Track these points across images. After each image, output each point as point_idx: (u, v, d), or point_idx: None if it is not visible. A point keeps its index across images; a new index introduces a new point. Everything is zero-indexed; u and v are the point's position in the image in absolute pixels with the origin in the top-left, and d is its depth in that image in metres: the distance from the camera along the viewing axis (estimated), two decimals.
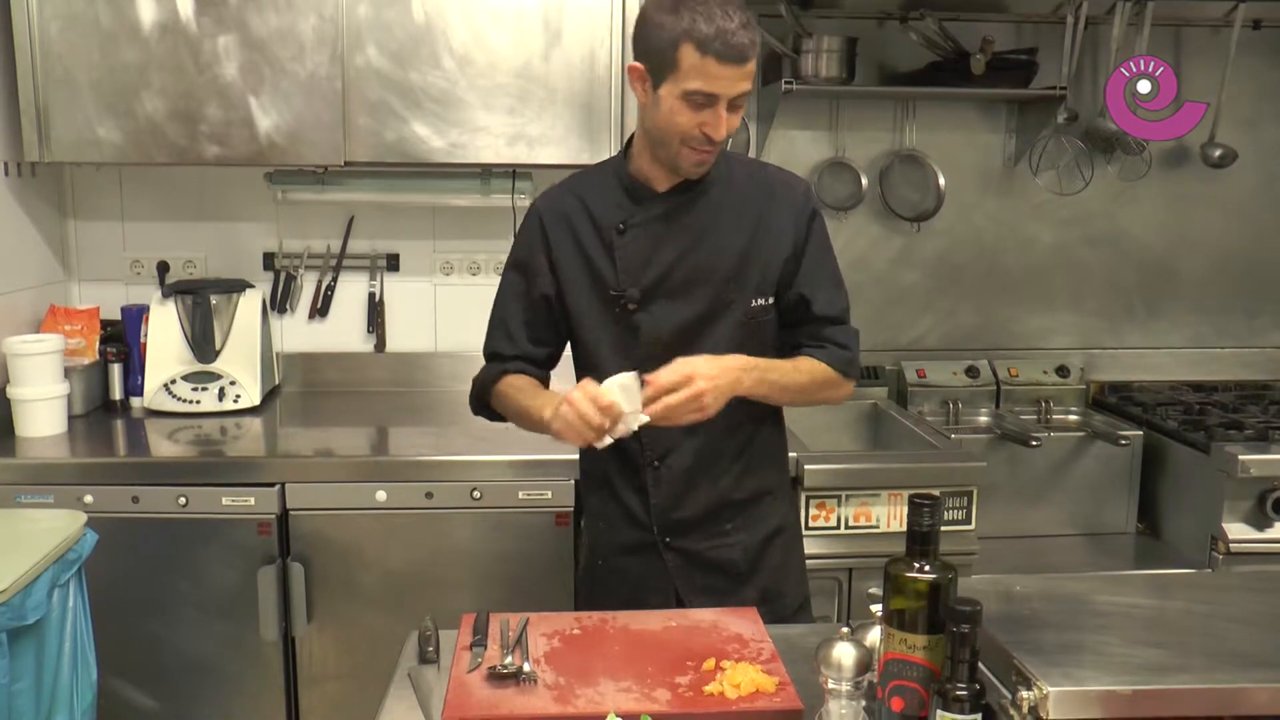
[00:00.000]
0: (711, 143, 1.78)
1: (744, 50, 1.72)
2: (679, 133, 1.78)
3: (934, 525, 1.35)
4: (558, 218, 1.95)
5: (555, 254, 1.94)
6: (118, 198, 3.19)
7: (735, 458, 1.97)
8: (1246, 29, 3.18)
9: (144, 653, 2.57)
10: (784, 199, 1.94)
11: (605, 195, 1.93)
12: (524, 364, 2.00)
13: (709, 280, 1.89)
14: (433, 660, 1.63)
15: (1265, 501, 2.69)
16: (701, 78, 1.72)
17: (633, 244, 1.89)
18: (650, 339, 1.90)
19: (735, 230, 1.90)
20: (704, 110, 1.75)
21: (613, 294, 1.90)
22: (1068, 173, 3.22)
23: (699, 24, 1.69)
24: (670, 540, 1.97)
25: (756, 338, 1.94)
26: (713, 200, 1.91)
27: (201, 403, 2.93)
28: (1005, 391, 3.30)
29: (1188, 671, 1.31)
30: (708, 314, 1.90)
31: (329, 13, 2.75)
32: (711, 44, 1.69)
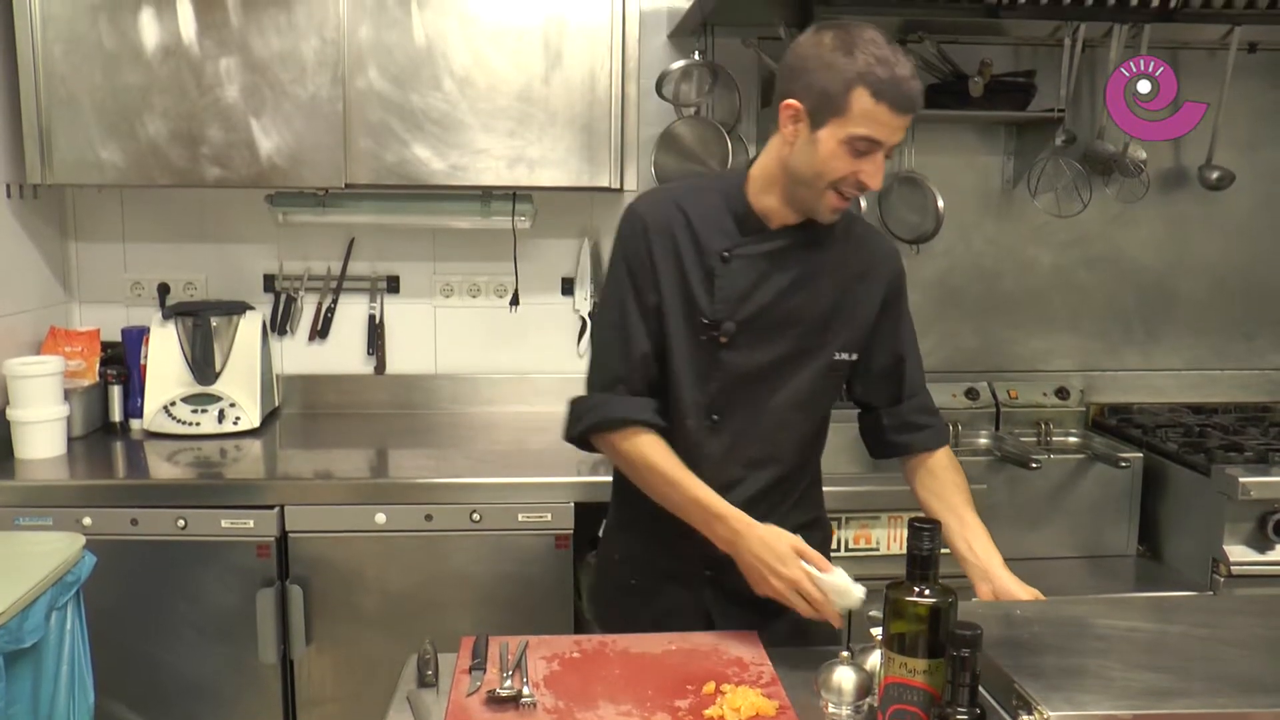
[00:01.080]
0: (861, 190, 1.75)
1: (915, 100, 1.69)
2: (833, 177, 1.72)
3: (934, 549, 1.35)
4: (661, 228, 1.84)
5: (658, 267, 1.83)
6: (119, 219, 3.20)
7: (781, 501, 1.94)
8: (1243, 52, 3.19)
9: (142, 675, 2.56)
10: (879, 259, 1.93)
11: (711, 216, 1.85)
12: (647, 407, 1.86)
13: (798, 325, 1.86)
14: (432, 683, 1.63)
15: (1266, 524, 2.68)
16: (871, 124, 1.67)
17: (735, 275, 1.83)
18: (732, 376, 1.85)
19: (831, 279, 1.87)
20: (864, 158, 1.70)
21: (704, 322, 1.83)
22: (1066, 195, 3.23)
23: (875, 69, 1.65)
24: (711, 574, 1.91)
25: (832, 390, 1.95)
26: (816, 247, 1.86)
27: (201, 425, 2.93)
28: (1005, 414, 3.29)
29: (1189, 696, 1.30)
30: (790, 358, 1.87)
31: (330, 35, 2.76)
32: (887, 91, 1.65)
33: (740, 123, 3.19)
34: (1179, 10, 2.86)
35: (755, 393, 1.86)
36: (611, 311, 1.88)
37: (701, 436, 1.87)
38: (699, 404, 1.86)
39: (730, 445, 1.87)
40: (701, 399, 1.85)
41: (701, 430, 1.87)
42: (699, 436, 1.87)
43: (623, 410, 1.85)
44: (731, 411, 1.86)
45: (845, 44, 1.67)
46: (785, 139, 1.77)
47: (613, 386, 1.86)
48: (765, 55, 3.08)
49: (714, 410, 1.86)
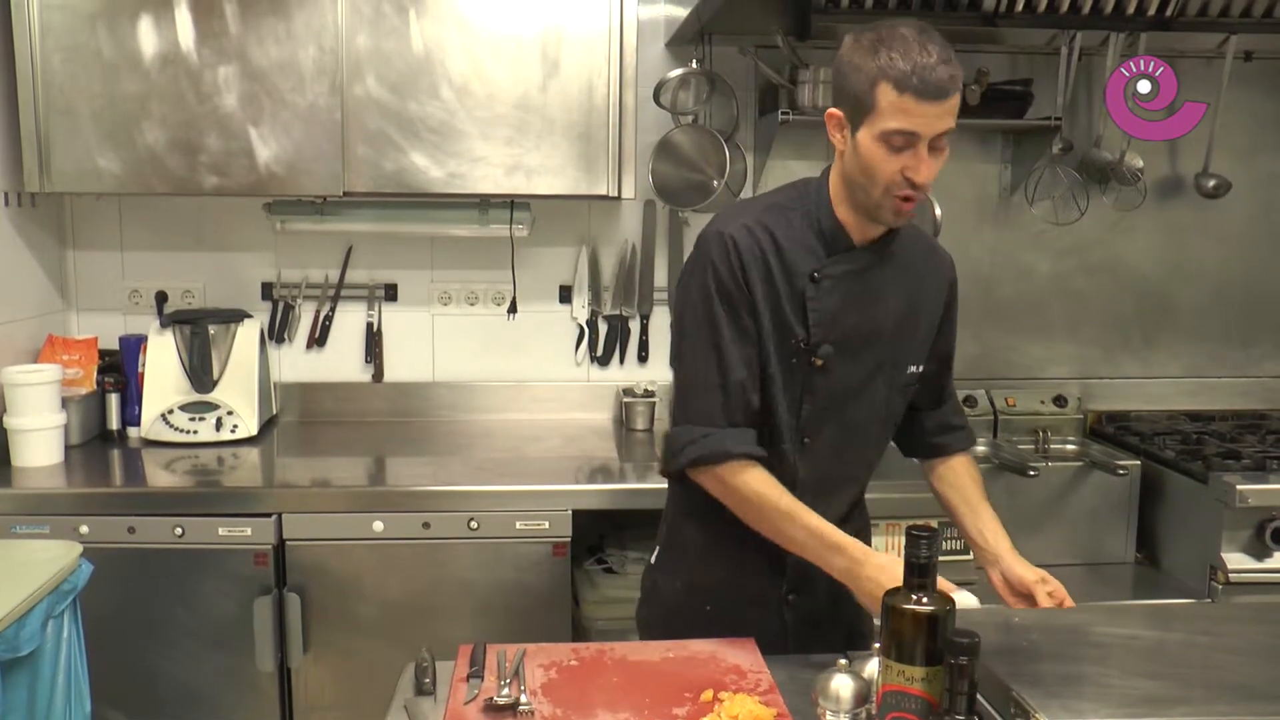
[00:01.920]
0: (914, 187, 1.69)
1: (944, 85, 1.63)
2: (883, 179, 1.69)
3: (931, 557, 1.35)
4: (752, 250, 1.78)
5: (754, 289, 1.78)
6: (117, 228, 3.20)
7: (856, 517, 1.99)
8: (1239, 60, 3.20)
9: (139, 684, 2.56)
10: (937, 268, 1.95)
11: (797, 236, 1.81)
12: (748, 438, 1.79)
13: (879, 341, 1.85)
14: (429, 691, 1.62)
15: (1264, 531, 2.68)
16: (899, 116, 1.64)
17: (827, 295, 1.79)
18: (824, 397, 1.83)
19: (902, 292, 1.87)
20: (904, 153, 1.66)
21: (800, 346, 1.79)
22: (1063, 203, 3.24)
23: (896, 61, 1.63)
24: (794, 598, 1.89)
25: (903, 403, 1.96)
26: (895, 260, 1.86)
27: (199, 433, 2.93)
28: (1003, 421, 3.30)
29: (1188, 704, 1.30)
30: (873, 375, 1.86)
31: (328, 44, 2.77)
32: (909, 80, 1.62)
33: (738, 131, 3.20)
34: (1175, 19, 2.88)
35: (844, 412, 1.85)
36: (704, 339, 1.79)
37: (795, 459, 1.85)
38: (791, 426, 1.84)
39: (823, 466, 1.87)
40: (794, 421, 1.84)
41: (795, 453, 1.85)
42: (793, 459, 1.85)
43: (727, 443, 1.78)
44: (820, 432, 1.85)
45: (871, 44, 1.67)
46: (837, 149, 1.78)
47: (712, 418, 1.79)
48: (762, 64, 3.09)
49: (805, 433, 1.84)
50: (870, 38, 1.68)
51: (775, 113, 2.99)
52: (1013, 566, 1.88)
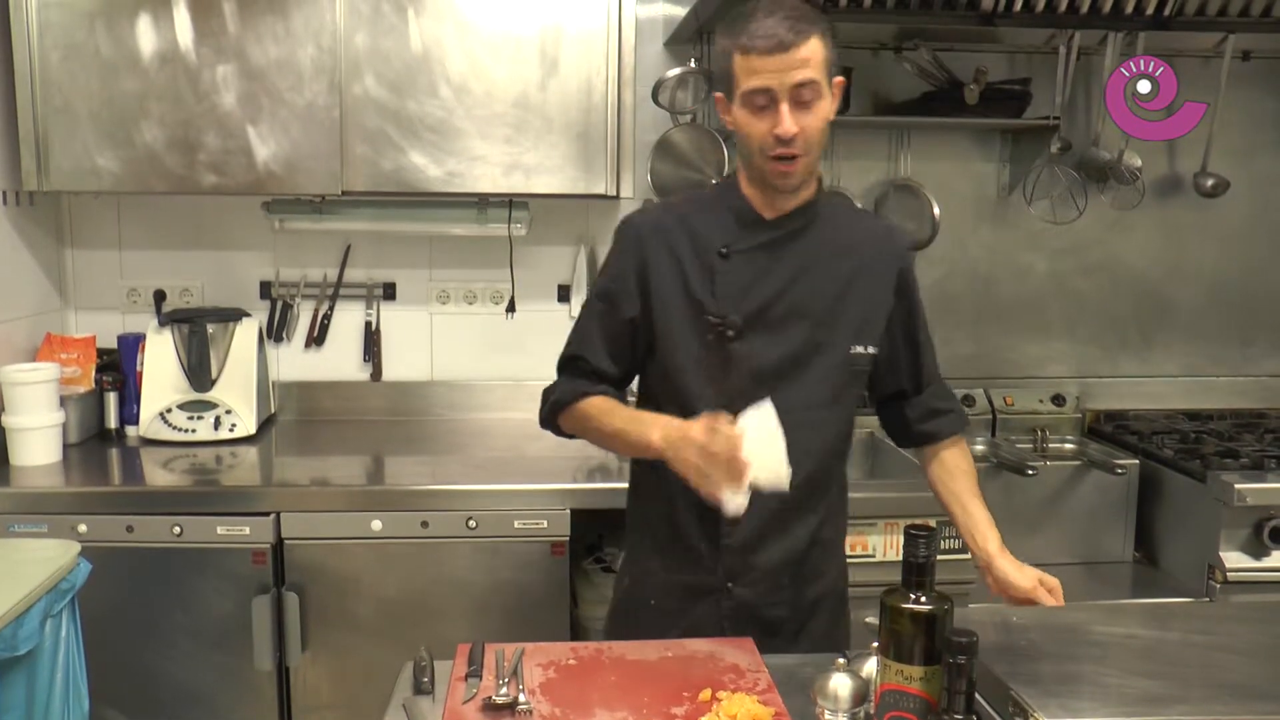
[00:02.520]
0: (785, 144, 1.73)
1: (780, 37, 1.68)
2: (755, 142, 1.75)
3: (929, 556, 1.35)
4: (656, 234, 1.88)
5: (650, 272, 1.86)
6: (115, 226, 3.20)
7: (813, 509, 1.92)
8: (1236, 60, 3.21)
9: (137, 683, 2.56)
10: (886, 249, 1.95)
11: (710, 217, 1.88)
12: (606, 385, 1.93)
13: (804, 318, 1.85)
14: (428, 691, 1.62)
15: (1262, 530, 2.68)
16: (750, 76, 1.71)
17: (735, 270, 1.84)
18: (743, 371, 1.84)
19: (834, 270, 1.87)
20: (766, 112, 1.72)
21: (711, 320, 1.84)
22: (1062, 202, 3.24)
23: (740, 30, 1.71)
24: (734, 586, 1.89)
25: (853, 388, 1.94)
26: (816, 237, 1.87)
27: (197, 431, 2.93)
28: (1001, 420, 3.30)
29: (1186, 703, 1.30)
30: (803, 354, 1.86)
31: (327, 43, 2.77)
32: (752, 41, 1.69)
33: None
34: (1173, 18, 2.88)
35: (772, 391, 1.81)
36: (583, 311, 1.96)
37: None
38: (714, 404, 1.81)
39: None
40: (719, 398, 1.83)
41: None
42: None
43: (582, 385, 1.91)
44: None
45: (729, 25, 1.75)
46: (730, 130, 1.83)
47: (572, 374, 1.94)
48: None
49: (731, 410, 1.80)
50: (730, 19, 1.76)
51: None
52: (1006, 572, 1.89)
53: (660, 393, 1.91)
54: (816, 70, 1.71)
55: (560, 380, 1.96)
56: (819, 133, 1.76)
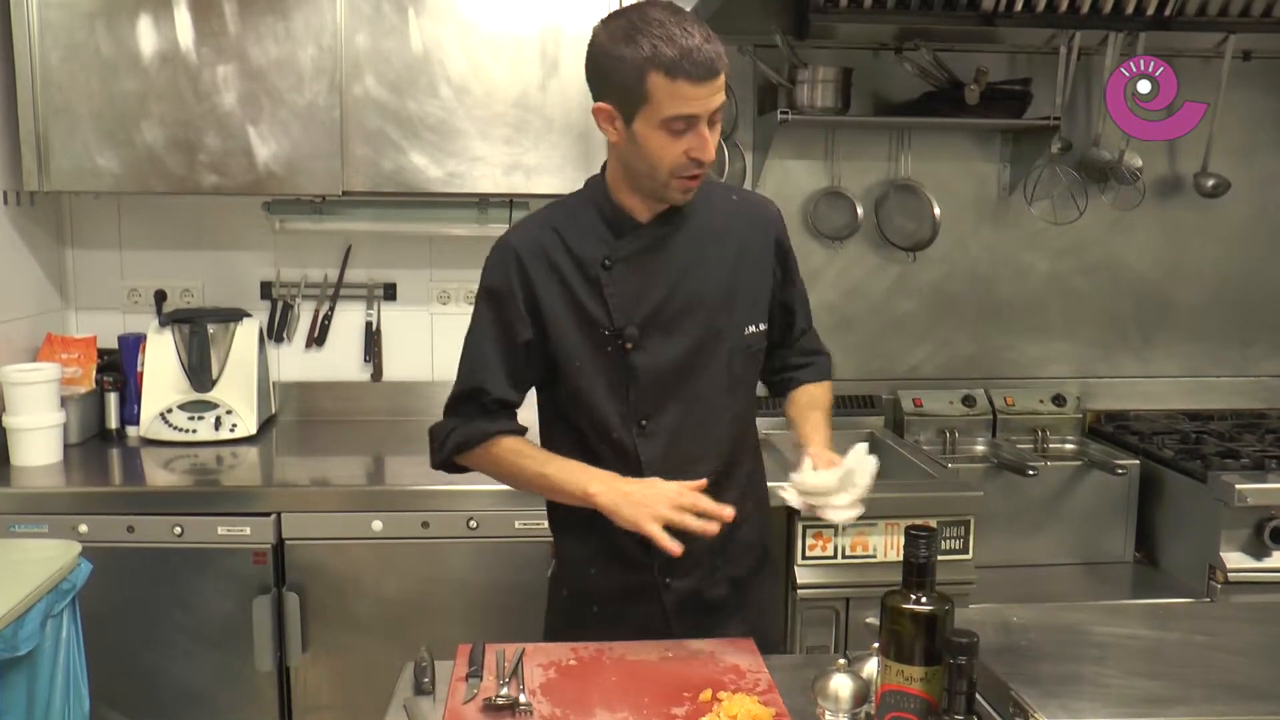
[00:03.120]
0: (700, 165, 1.71)
1: (712, 64, 1.63)
2: (668, 164, 1.70)
3: (930, 557, 1.35)
4: (536, 254, 1.82)
5: (538, 293, 1.81)
6: (116, 227, 3.20)
7: (730, 487, 1.89)
8: (1237, 60, 3.20)
9: (138, 683, 2.56)
10: (760, 223, 1.92)
11: (584, 228, 1.83)
12: (508, 421, 1.89)
13: (699, 311, 1.83)
14: (428, 691, 1.62)
15: (1263, 530, 2.68)
16: (677, 102, 1.64)
17: (622, 279, 1.81)
18: (649, 378, 1.82)
19: (720, 258, 1.85)
20: (686, 135, 1.67)
21: (606, 334, 1.81)
22: (1062, 202, 3.24)
23: (661, 48, 1.61)
24: (671, 581, 1.87)
25: (753, 366, 1.93)
26: (695, 229, 1.84)
27: (198, 432, 2.93)
28: (1002, 420, 3.30)
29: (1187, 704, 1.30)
30: (702, 345, 1.84)
31: (327, 43, 2.77)
32: (679, 66, 1.61)
33: (737, 130, 3.20)
34: (1174, 18, 2.88)
35: (679, 388, 1.83)
36: (469, 340, 1.92)
37: (633, 444, 1.83)
38: (623, 413, 1.83)
39: (666, 445, 1.84)
40: (624, 407, 1.83)
41: (632, 439, 1.83)
42: (630, 445, 1.83)
43: (483, 424, 1.87)
44: (659, 413, 1.83)
45: (627, 32, 1.65)
46: (610, 140, 1.76)
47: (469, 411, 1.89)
48: (761, 63, 3.08)
49: (641, 416, 1.83)
50: (623, 25, 1.66)
51: (774, 112, 2.99)
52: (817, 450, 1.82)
53: (571, 413, 1.88)
54: (723, 95, 1.70)
55: (455, 420, 1.90)
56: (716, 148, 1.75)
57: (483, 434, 1.87)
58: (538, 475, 1.83)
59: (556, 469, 1.82)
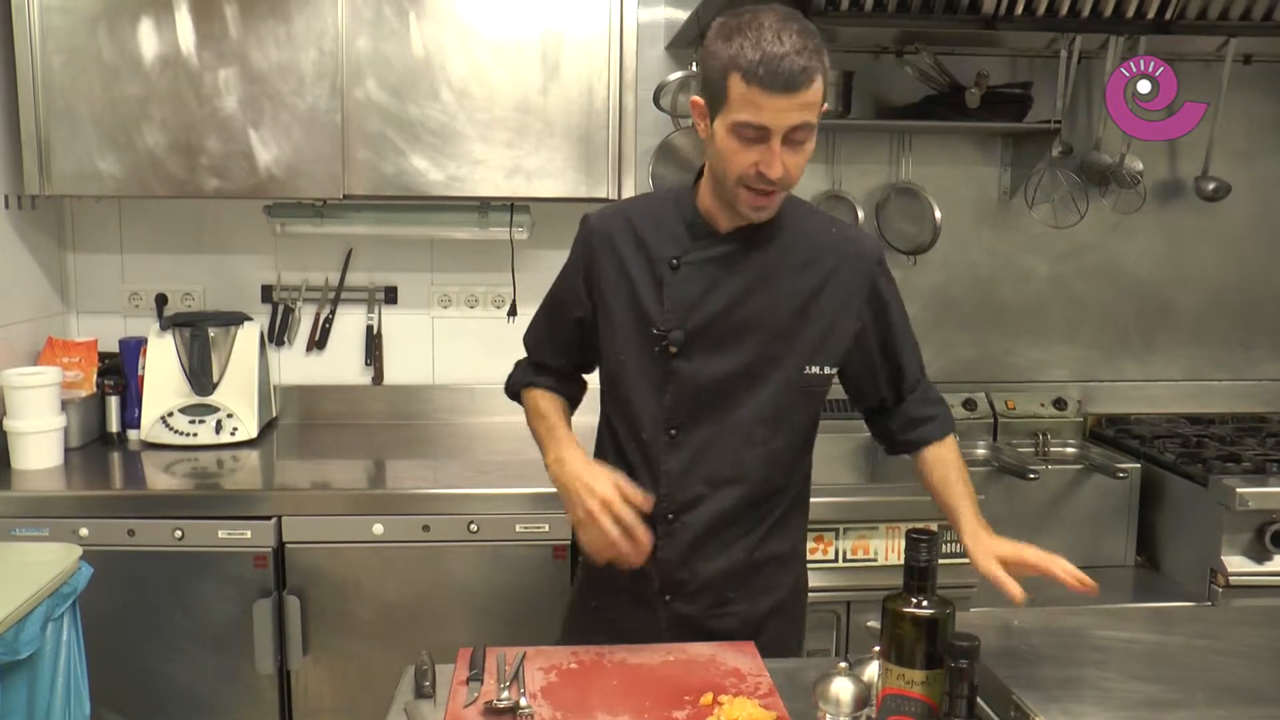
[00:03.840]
0: (768, 182, 1.64)
1: (793, 77, 1.56)
2: (735, 171, 1.66)
3: (931, 561, 1.35)
4: (605, 239, 1.84)
5: (597, 276, 1.83)
6: (117, 230, 3.20)
7: (754, 525, 1.86)
8: (1238, 64, 3.21)
9: (139, 686, 2.56)
10: (854, 262, 1.83)
11: (663, 225, 1.81)
12: (550, 378, 1.98)
13: (757, 333, 1.78)
14: (429, 695, 1.62)
15: (1264, 534, 2.68)
16: (749, 108, 1.60)
17: (685, 282, 1.77)
18: (687, 388, 1.79)
19: (794, 285, 1.78)
20: (756, 145, 1.62)
21: (655, 333, 1.78)
22: (1063, 205, 3.24)
23: (746, 50, 1.58)
24: (671, 600, 1.86)
25: (806, 406, 1.86)
26: (776, 249, 1.78)
27: (199, 435, 2.93)
28: (1003, 424, 3.30)
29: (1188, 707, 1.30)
30: (751, 369, 1.78)
31: (329, 47, 2.77)
32: (756, 71, 1.57)
33: None
34: (1174, 22, 2.88)
35: (715, 406, 1.79)
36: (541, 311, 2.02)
37: (659, 450, 1.81)
38: (655, 416, 1.81)
39: (690, 461, 1.81)
40: (658, 411, 1.80)
41: (659, 444, 1.81)
42: (656, 450, 1.82)
43: (527, 375, 2.01)
44: (691, 426, 1.80)
45: (727, 31, 1.62)
46: (702, 137, 1.75)
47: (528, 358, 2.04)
48: None
49: (672, 424, 1.80)
50: (731, 24, 1.63)
51: None
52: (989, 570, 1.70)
53: (609, 402, 1.89)
54: (814, 111, 1.62)
55: (519, 364, 2.05)
56: (802, 168, 1.69)
57: (516, 384, 2.03)
58: (534, 431, 1.95)
59: (544, 430, 1.90)
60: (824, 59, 1.61)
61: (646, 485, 1.79)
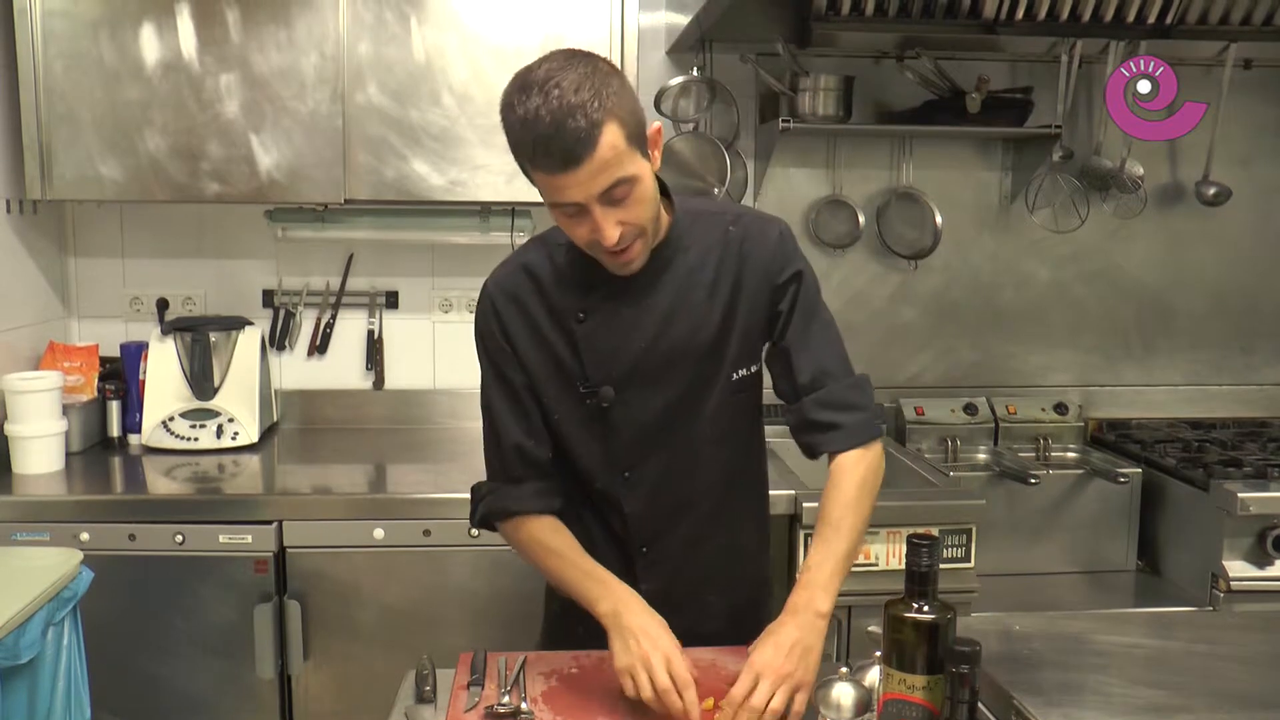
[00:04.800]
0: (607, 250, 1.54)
1: (568, 152, 1.42)
2: (580, 243, 1.57)
3: (932, 565, 1.35)
4: (509, 300, 1.72)
5: (515, 342, 1.72)
6: (118, 235, 3.20)
7: (724, 530, 1.83)
8: (1238, 68, 3.21)
9: (139, 691, 2.55)
10: (757, 256, 1.71)
11: (560, 274, 1.70)
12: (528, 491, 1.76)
13: (684, 361, 1.70)
14: (430, 699, 1.62)
15: (1265, 539, 2.68)
16: (549, 190, 1.49)
17: (596, 333, 1.68)
18: (629, 431, 1.72)
19: (708, 302, 1.69)
20: (580, 219, 1.51)
21: (581, 390, 1.71)
22: (1064, 210, 3.24)
23: (519, 131, 1.45)
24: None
25: (743, 408, 1.78)
26: (680, 271, 1.69)
27: (199, 440, 2.93)
28: (1004, 429, 3.29)
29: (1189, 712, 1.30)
30: (687, 395, 1.72)
31: (330, 51, 2.77)
32: (537, 157, 1.45)
33: (738, 138, 3.21)
34: (1175, 26, 2.88)
35: (661, 439, 1.73)
36: (483, 399, 1.79)
37: (618, 493, 1.77)
38: (603, 464, 1.76)
39: (650, 496, 1.77)
40: (605, 458, 1.75)
41: (615, 487, 1.77)
42: (615, 494, 1.77)
43: (506, 501, 1.77)
44: (641, 464, 1.75)
45: (509, 97, 1.48)
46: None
47: (497, 476, 1.79)
48: (763, 71, 3.09)
49: (623, 467, 1.75)
50: (509, 93, 1.48)
51: (776, 120, 2.99)
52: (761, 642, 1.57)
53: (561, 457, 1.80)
54: (621, 164, 1.47)
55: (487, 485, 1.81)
56: (647, 212, 1.55)
57: (504, 511, 1.78)
58: (559, 577, 1.73)
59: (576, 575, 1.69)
60: (608, 102, 1.44)
61: (614, 525, 1.78)
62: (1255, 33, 2.95)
